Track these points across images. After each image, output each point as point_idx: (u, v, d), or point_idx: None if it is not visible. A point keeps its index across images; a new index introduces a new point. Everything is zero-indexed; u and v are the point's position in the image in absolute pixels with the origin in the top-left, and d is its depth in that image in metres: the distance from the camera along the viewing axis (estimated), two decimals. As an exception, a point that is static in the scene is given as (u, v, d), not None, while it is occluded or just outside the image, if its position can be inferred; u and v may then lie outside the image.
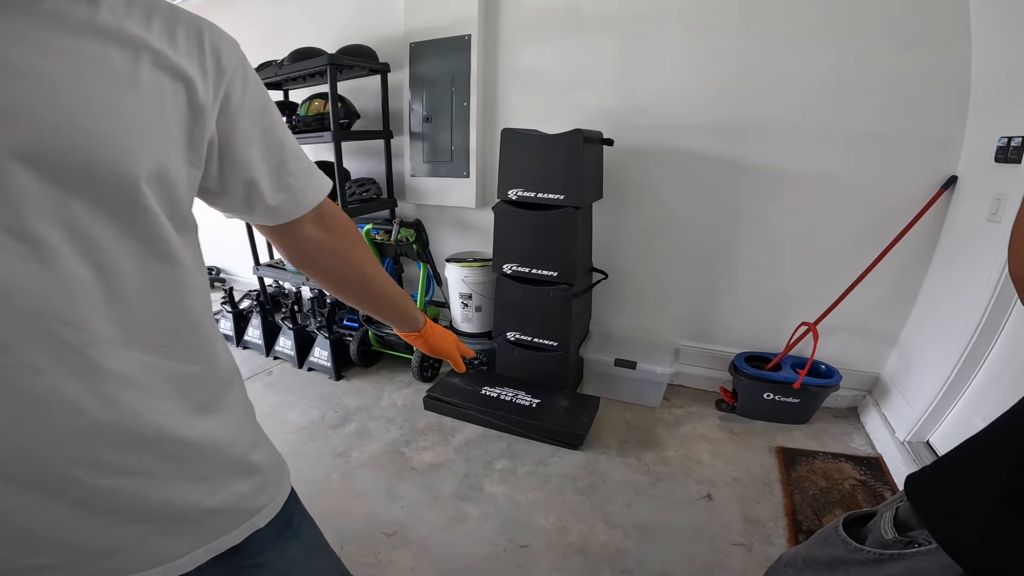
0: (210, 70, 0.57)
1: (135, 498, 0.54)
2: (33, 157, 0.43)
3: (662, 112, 2.55)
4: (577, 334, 2.57)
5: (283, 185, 0.68)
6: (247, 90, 0.62)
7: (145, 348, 0.53)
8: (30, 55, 0.45)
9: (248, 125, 0.62)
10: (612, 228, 2.76)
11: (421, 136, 3.04)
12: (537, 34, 2.77)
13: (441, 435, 2.32)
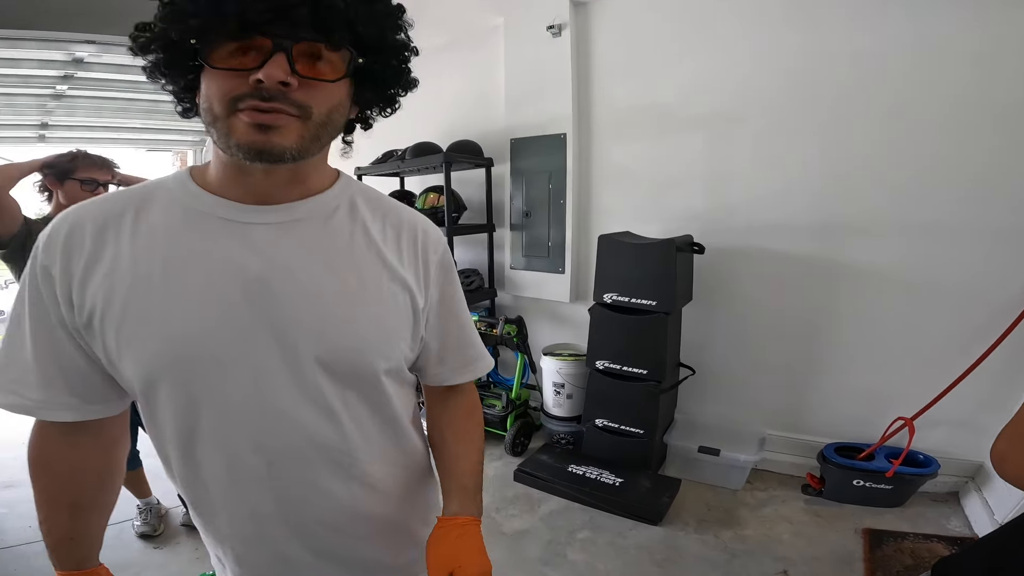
0: (421, 275, 0.75)
1: (351, 552, 0.77)
2: (327, 364, 0.66)
3: (753, 212, 2.68)
4: (662, 423, 2.75)
5: (450, 359, 0.82)
6: (444, 282, 0.78)
7: (380, 461, 0.76)
8: (320, 273, 0.66)
9: (442, 311, 0.79)
10: (701, 325, 2.88)
11: (521, 230, 3.38)
12: (628, 133, 3.01)
13: (528, 504, 2.56)
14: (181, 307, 0.61)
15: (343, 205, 0.70)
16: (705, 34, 2.73)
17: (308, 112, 0.58)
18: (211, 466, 0.67)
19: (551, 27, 3.04)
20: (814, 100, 2.50)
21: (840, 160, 2.47)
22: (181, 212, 0.64)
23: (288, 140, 0.58)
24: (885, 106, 2.33)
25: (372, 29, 0.60)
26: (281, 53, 0.55)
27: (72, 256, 0.61)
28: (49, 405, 0.64)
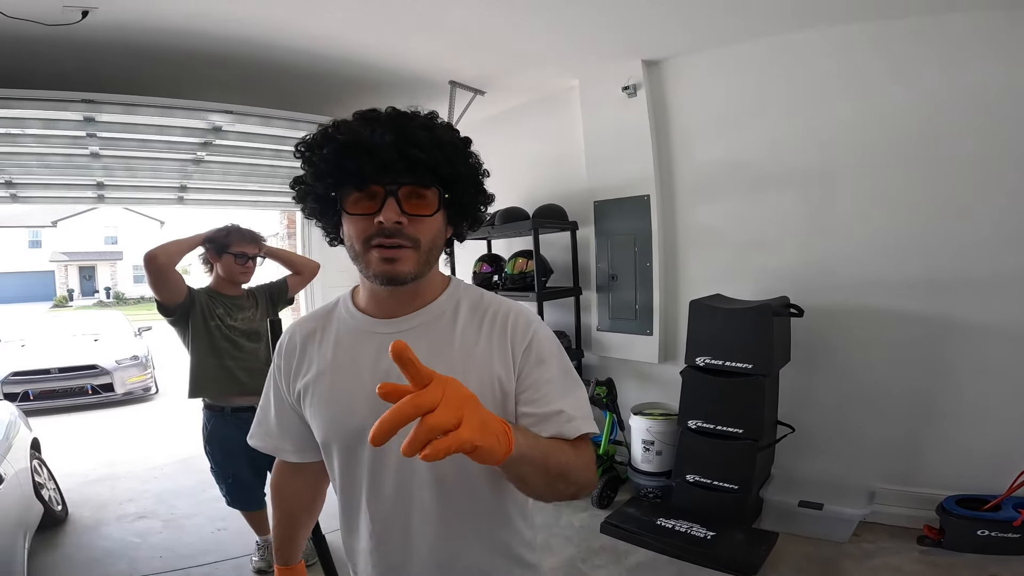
0: (510, 362, 0.84)
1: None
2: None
3: (853, 270, 2.68)
4: (759, 479, 2.71)
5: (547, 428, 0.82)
6: (533, 364, 0.84)
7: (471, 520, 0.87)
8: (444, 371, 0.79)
9: (533, 390, 0.84)
10: (800, 384, 2.84)
11: (607, 291, 3.44)
12: (713, 193, 3.06)
13: (615, 556, 2.56)
14: (339, 395, 0.86)
15: (448, 310, 0.88)
16: (788, 89, 2.81)
17: (418, 243, 0.79)
18: (361, 517, 0.88)
19: (626, 88, 3.18)
20: (914, 150, 2.54)
21: (947, 212, 2.46)
22: (344, 328, 0.90)
23: (407, 267, 0.79)
24: (997, 151, 2.32)
25: (448, 168, 0.78)
26: (391, 197, 0.75)
27: (290, 358, 0.93)
28: (282, 450, 0.99)
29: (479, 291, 0.93)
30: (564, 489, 0.78)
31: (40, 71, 2.73)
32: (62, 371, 6.07)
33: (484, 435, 0.57)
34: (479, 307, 0.89)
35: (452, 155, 0.80)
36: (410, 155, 0.75)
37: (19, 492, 2.50)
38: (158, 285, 2.19)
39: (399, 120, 0.78)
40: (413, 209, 0.77)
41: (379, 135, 0.75)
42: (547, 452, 0.74)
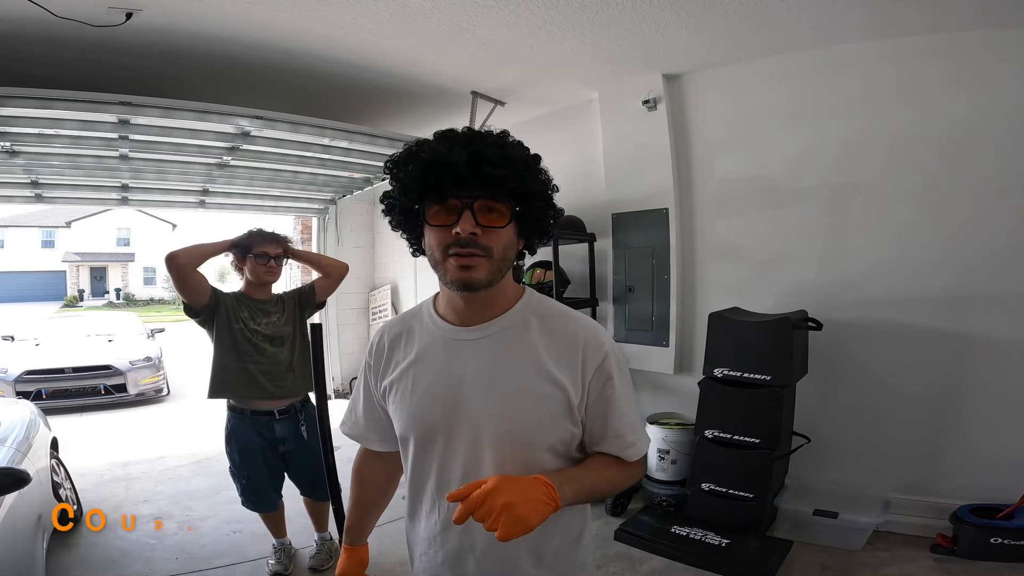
0: (579, 379, 0.90)
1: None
2: (493, 440, 0.89)
3: (872, 285, 2.69)
4: (774, 488, 2.72)
5: (606, 444, 0.94)
6: (603, 384, 0.91)
7: None
8: (494, 375, 0.89)
9: (599, 407, 0.92)
10: (817, 395, 2.85)
11: (624, 303, 3.45)
12: (732, 207, 3.08)
13: (629, 563, 2.57)
14: (418, 394, 0.95)
15: (519, 323, 0.94)
16: (807, 105, 2.84)
17: (491, 252, 0.85)
18: (425, 503, 0.97)
19: (646, 101, 3.20)
20: (933, 166, 2.57)
21: (964, 227, 2.48)
22: (425, 333, 0.98)
23: (480, 274, 0.85)
24: (1015, 168, 2.36)
25: (518, 183, 0.85)
26: (467, 210, 0.83)
27: (379, 357, 1.03)
28: (367, 439, 1.09)
29: (550, 303, 0.99)
30: (607, 497, 0.94)
31: (75, 73, 2.79)
32: (76, 371, 6.12)
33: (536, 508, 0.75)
34: (550, 320, 0.94)
35: (522, 171, 0.86)
36: (483, 171, 0.82)
37: (39, 491, 2.50)
38: (180, 285, 2.24)
39: (474, 139, 0.86)
40: (487, 221, 0.84)
41: (456, 153, 0.82)
42: (594, 489, 0.90)
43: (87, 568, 2.57)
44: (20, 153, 3.07)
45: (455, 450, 0.91)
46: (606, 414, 0.92)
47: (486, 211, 0.84)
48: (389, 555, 2.64)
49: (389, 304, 5.96)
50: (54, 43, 2.49)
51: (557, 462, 0.91)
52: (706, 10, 2.38)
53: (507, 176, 0.83)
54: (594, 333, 0.94)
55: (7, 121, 2.57)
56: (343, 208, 5.52)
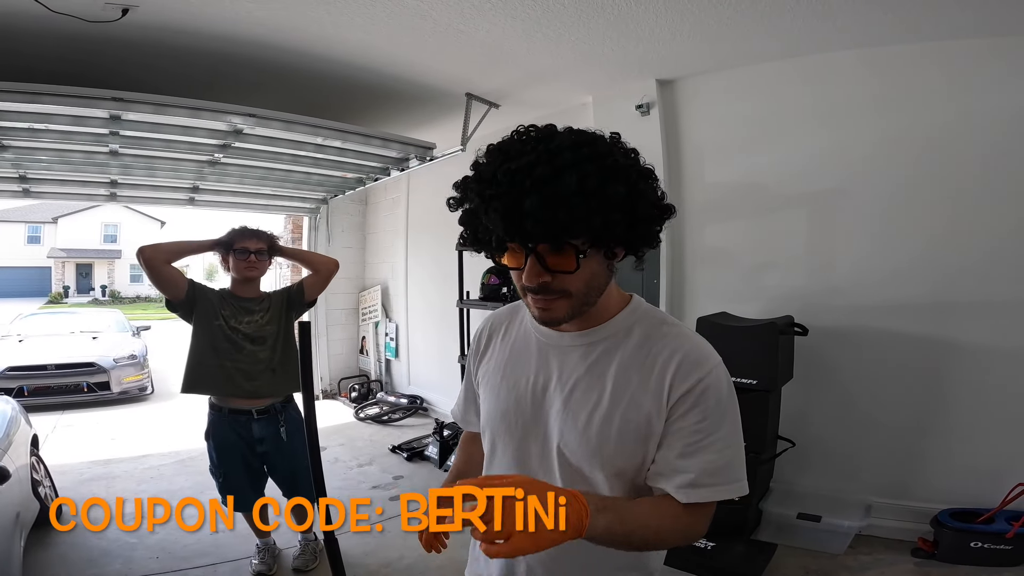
0: (664, 402, 0.79)
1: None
2: (561, 454, 0.83)
3: (859, 292, 2.73)
4: (759, 491, 2.74)
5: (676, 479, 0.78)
6: (683, 405, 0.79)
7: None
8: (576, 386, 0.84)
9: (672, 431, 0.79)
10: (802, 400, 2.88)
11: None
12: (722, 213, 3.10)
13: None
14: (503, 391, 0.92)
15: (618, 334, 0.86)
16: (799, 113, 2.88)
17: (568, 293, 0.78)
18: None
19: (639, 106, 3.23)
20: (921, 176, 2.60)
21: (948, 237, 2.52)
22: (523, 331, 0.96)
23: (559, 314, 0.80)
24: (1005, 178, 2.40)
25: (603, 218, 0.71)
26: (532, 256, 0.75)
27: (479, 344, 1.03)
28: (467, 421, 1.10)
29: (661, 318, 0.88)
30: (653, 548, 0.82)
31: (67, 68, 2.76)
32: (59, 368, 6.02)
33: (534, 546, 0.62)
34: (652, 336, 0.84)
35: (606, 199, 0.71)
36: (548, 220, 0.69)
37: (18, 489, 2.46)
38: (154, 280, 2.26)
39: (542, 174, 0.70)
40: (556, 265, 0.75)
41: (528, 199, 0.69)
42: (632, 531, 0.72)
43: (65, 567, 2.53)
44: (9, 147, 3.04)
45: (525, 455, 0.88)
46: (678, 444, 0.79)
47: (553, 254, 0.74)
48: (374, 556, 2.63)
49: (379, 305, 5.94)
50: (48, 37, 2.47)
51: (622, 488, 0.83)
52: (701, 16, 2.41)
53: (581, 216, 0.70)
54: (694, 354, 0.81)
55: (-4, 115, 2.55)
56: (334, 208, 5.51)
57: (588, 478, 0.83)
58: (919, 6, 2.25)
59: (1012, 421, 2.46)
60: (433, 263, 4.99)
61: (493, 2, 2.27)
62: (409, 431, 4.68)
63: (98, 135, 2.91)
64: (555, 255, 0.74)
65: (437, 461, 3.86)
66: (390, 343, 5.80)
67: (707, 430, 0.78)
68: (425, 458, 3.99)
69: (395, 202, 5.64)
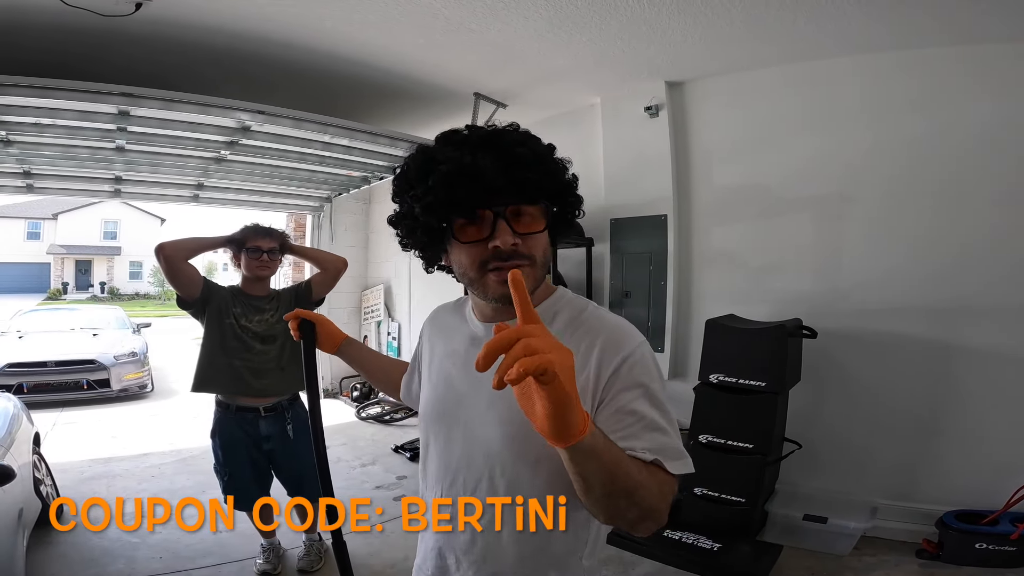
0: (591, 383, 0.77)
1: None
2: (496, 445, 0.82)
3: (867, 295, 2.73)
4: (765, 493, 2.75)
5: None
6: (613, 386, 0.77)
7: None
8: None
9: (612, 412, 0.75)
10: (808, 402, 2.88)
11: (620, 309, 3.44)
12: (730, 215, 3.11)
13: (621, 567, 2.57)
14: (439, 384, 0.94)
15: (545, 321, 0.82)
16: (809, 116, 2.88)
17: (533, 259, 0.79)
18: (428, 478, 0.95)
19: (648, 108, 3.22)
20: (930, 180, 2.61)
21: (957, 241, 2.53)
22: (461, 326, 0.94)
23: (527, 284, 0.73)
24: (1007, 184, 2.40)
25: (551, 181, 0.80)
26: (501, 220, 0.75)
27: (423, 336, 1.05)
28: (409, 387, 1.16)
29: (584, 304, 0.88)
30: (626, 508, 0.70)
31: (76, 62, 2.75)
32: (59, 364, 5.99)
33: (568, 376, 0.56)
34: (576, 320, 0.84)
35: (552, 168, 0.80)
36: (516, 175, 0.74)
37: (21, 488, 2.43)
38: (170, 277, 2.22)
39: (494, 139, 0.77)
40: (524, 227, 0.77)
41: (481, 158, 0.74)
42: (620, 460, 0.67)
43: (67, 566, 2.50)
44: (15, 142, 3.01)
45: (454, 445, 0.87)
46: (617, 425, 0.75)
47: (520, 217, 0.77)
48: (379, 557, 2.61)
49: (382, 304, 5.93)
50: (57, 31, 2.46)
51: (547, 474, 0.79)
52: (712, 19, 2.41)
53: (541, 176, 0.76)
54: (616, 335, 0.81)
55: (4, 110, 2.53)
56: (338, 206, 5.49)
57: (513, 465, 0.81)
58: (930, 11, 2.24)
59: (1017, 423, 2.46)
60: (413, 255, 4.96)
61: (506, 2, 2.27)
62: (411, 431, 4.66)
63: (105, 131, 2.89)
64: (520, 219, 0.77)
65: (440, 462, 3.83)
66: (392, 342, 5.79)
67: (642, 410, 0.75)
68: (428, 459, 3.97)
69: (399, 202, 5.61)
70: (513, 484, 0.82)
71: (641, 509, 0.70)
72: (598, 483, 0.65)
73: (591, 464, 0.63)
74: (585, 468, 0.64)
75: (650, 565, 2.54)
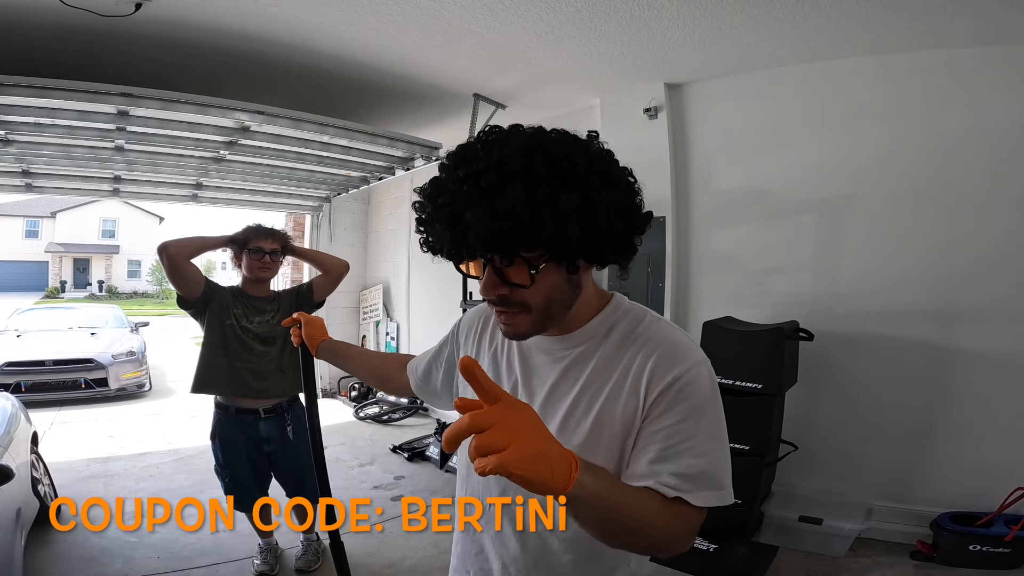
0: (642, 401, 0.75)
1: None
2: None
3: (865, 299, 2.74)
4: (761, 494, 2.75)
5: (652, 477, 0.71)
6: (659, 405, 0.73)
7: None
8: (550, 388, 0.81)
9: (649, 432, 0.73)
10: (805, 404, 2.89)
11: None
12: (728, 217, 3.11)
13: None
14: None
15: (595, 337, 0.81)
16: (806, 119, 2.89)
17: (528, 307, 0.74)
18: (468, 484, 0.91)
19: (647, 109, 3.22)
20: (927, 182, 2.61)
21: (953, 244, 2.53)
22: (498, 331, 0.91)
23: (522, 328, 0.76)
24: (1014, 186, 2.41)
25: (551, 229, 0.66)
26: (490, 267, 0.71)
27: (468, 331, 0.99)
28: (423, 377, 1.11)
29: (642, 315, 0.83)
30: (628, 544, 0.70)
31: (74, 62, 2.75)
32: (56, 363, 5.99)
33: (532, 466, 0.53)
34: (632, 335, 0.80)
35: (563, 208, 0.67)
36: (490, 234, 0.66)
37: (19, 487, 2.43)
38: (172, 276, 2.22)
39: (490, 188, 0.66)
40: (513, 278, 0.71)
41: (472, 211, 0.67)
42: (619, 504, 0.64)
43: (65, 565, 2.50)
44: (13, 142, 3.01)
45: None
46: (655, 445, 0.72)
47: (511, 265, 0.71)
48: (377, 556, 2.62)
49: (380, 304, 5.93)
50: (56, 30, 2.46)
51: None
52: (711, 21, 2.42)
53: (537, 225, 0.66)
54: (671, 352, 0.76)
55: (3, 110, 2.53)
56: (337, 206, 5.49)
57: None
58: (927, 14, 2.25)
59: (1012, 426, 2.48)
60: (436, 263, 4.96)
61: (506, 4, 2.27)
62: (410, 431, 4.67)
63: (104, 131, 2.90)
64: (511, 268, 0.71)
65: (438, 461, 3.85)
66: (391, 342, 5.79)
67: (685, 432, 0.71)
68: (426, 458, 3.98)
69: (398, 201, 5.62)
70: None
71: (646, 547, 0.71)
72: (592, 525, 0.65)
73: (583, 510, 0.62)
74: (577, 513, 0.63)
75: (648, 566, 2.54)
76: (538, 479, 0.54)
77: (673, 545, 0.72)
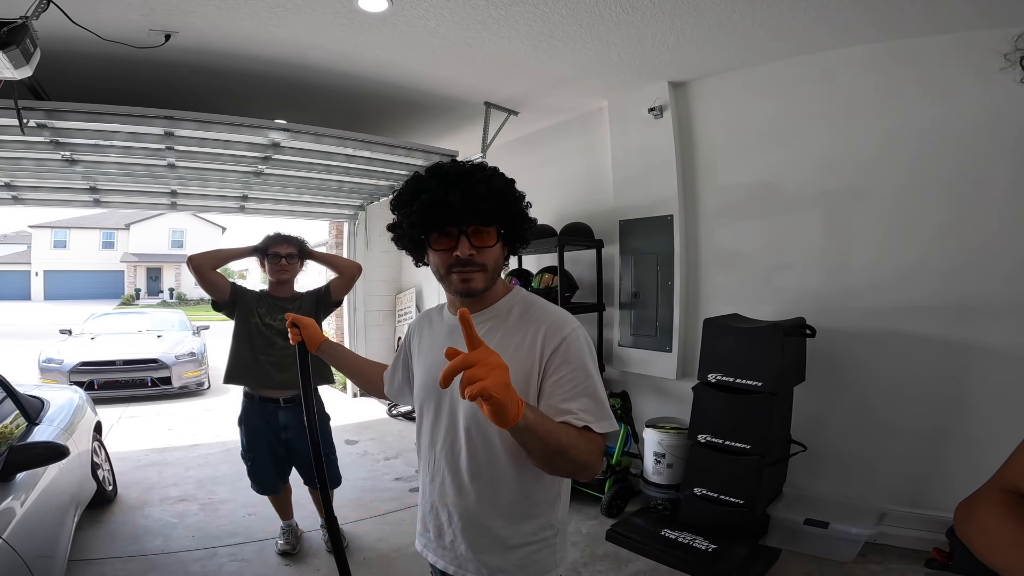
0: (537, 360, 1.03)
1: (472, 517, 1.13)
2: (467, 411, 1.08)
3: (876, 294, 2.67)
4: (765, 495, 2.71)
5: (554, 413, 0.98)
6: (558, 364, 1.02)
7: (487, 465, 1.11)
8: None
9: (553, 383, 1.01)
10: (816, 404, 2.83)
11: (629, 309, 3.50)
12: (735, 214, 3.09)
13: (616, 563, 2.61)
14: (423, 369, 1.20)
15: (501, 313, 1.12)
16: (812, 113, 2.84)
17: (485, 267, 1.06)
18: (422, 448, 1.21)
19: (652, 109, 3.25)
20: (940, 176, 2.51)
21: (969, 238, 2.44)
22: (440, 322, 1.22)
23: (478, 284, 1.06)
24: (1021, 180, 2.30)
25: (503, 210, 1.05)
26: (463, 236, 1.02)
27: (412, 332, 1.30)
28: (392, 383, 1.38)
29: (533, 301, 1.15)
30: (562, 465, 0.94)
31: (124, 89, 3.07)
32: (126, 363, 6.54)
33: (503, 392, 0.76)
34: (527, 313, 1.11)
35: (505, 198, 1.06)
36: (475, 206, 1.02)
37: (78, 469, 2.72)
38: (201, 283, 2.50)
39: (463, 177, 1.03)
40: (480, 242, 1.04)
41: (452, 194, 1.01)
42: (552, 430, 0.91)
43: (111, 542, 2.78)
44: (79, 161, 3.38)
45: (439, 416, 1.14)
46: (557, 392, 1.01)
47: (478, 234, 1.04)
48: (386, 542, 2.78)
49: (414, 306, 6.16)
50: (104, 61, 2.76)
51: (510, 438, 0.98)
52: (707, 18, 2.44)
53: (494, 206, 1.03)
54: (557, 323, 1.07)
55: (65, 133, 2.85)
56: (372, 213, 5.74)
57: (484, 428, 1.07)
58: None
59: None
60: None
61: (496, 17, 2.39)
62: (437, 429, 4.82)
63: (154, 150, 3.21)
64: (478, 236, 1.04)
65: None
66: (423, 344, 5.98)
67: (579, 379, 1.01)
68: (449, 455, 4.12)
69: (428, 207, 5.82)
70: (486, 440, 1.07)
71: (575, 464, 0.94)
72: (536, 449, 0.89)
73: (528, 437, 0.86)
74: (523, 439, 0.87)
75: (644, 563, 2.58)
76: (508, 403, 0.77)
77: (592, 465, 0.97)
